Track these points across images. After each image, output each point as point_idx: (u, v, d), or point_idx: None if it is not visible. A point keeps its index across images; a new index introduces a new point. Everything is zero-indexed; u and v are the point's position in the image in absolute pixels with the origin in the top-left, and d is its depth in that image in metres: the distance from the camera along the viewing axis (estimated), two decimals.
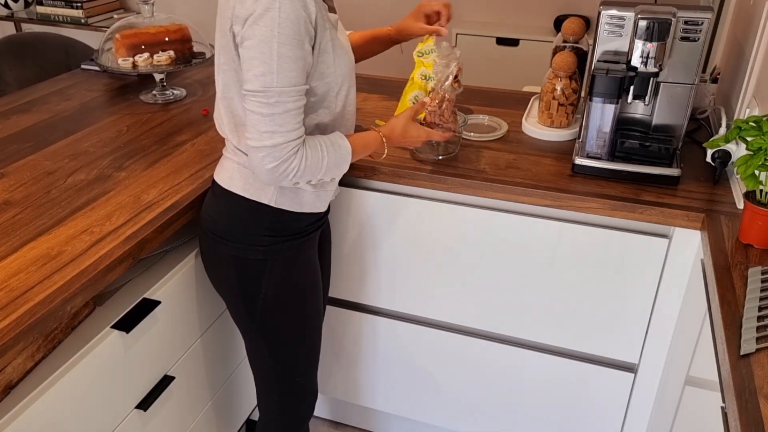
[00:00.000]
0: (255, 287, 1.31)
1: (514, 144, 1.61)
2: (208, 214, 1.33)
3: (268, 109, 1.12)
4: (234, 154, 1.28)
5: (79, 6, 3.53)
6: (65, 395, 1.13)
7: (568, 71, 1.57)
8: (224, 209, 1.29)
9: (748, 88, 1.45)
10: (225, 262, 1.31)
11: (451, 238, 1.53)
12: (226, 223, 1.29)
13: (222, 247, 1.30)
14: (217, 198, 1.31)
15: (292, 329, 1.38)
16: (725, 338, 0.96)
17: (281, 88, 1.11)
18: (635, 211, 1.35)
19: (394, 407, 1.83)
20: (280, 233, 1.29)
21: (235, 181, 1.27)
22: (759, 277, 1.09)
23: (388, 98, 1.89)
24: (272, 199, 1.26)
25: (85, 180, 1.45)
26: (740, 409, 0.83)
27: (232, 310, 1.39)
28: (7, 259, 1.16)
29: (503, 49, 3.20)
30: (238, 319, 1.39)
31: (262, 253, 1.28)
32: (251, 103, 1.13)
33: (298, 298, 1.35)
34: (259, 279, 1.30)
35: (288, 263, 1.32)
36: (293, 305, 1.35)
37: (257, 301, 1.32)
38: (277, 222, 1.28)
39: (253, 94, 1.12)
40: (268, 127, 1.13)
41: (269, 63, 1.10)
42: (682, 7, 1.35)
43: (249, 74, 1.12)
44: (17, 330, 1.00)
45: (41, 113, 1.81)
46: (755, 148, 1.15)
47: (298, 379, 1.44)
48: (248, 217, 1.28)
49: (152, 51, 1.85)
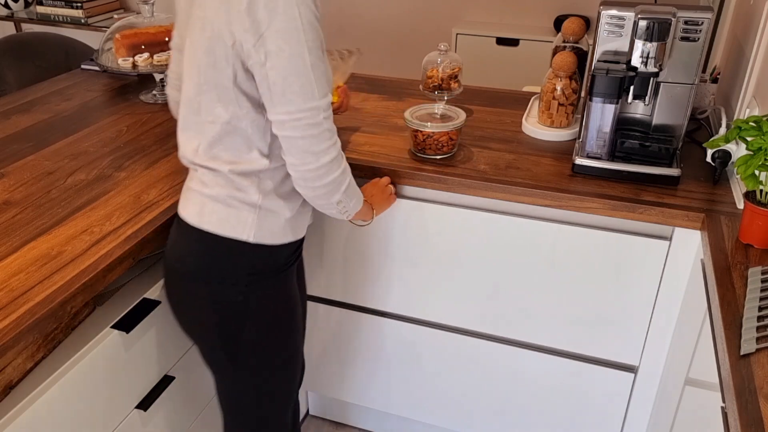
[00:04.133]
0: (236, 329, 1.21)
1: (514, 144, 1.61)
2: (175, 254, 1.20)
3: (317, 129, 1.05)
4: (205, 186, 1.15)
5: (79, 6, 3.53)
6: (65, 395, 1.13)
7: (568, 71, 1.57)
8: (195, 248, 1.17)
9: (748, 88, 1.45)
10: (199, 305, 1.20)
11: (450, 240, 1.53)
12: (199, 263, 1.17)
13: (195, 288, 1.18)
14: (185, 236, 1.18)
15: (276, 363, 1.30)
16: (725, 338, 0.96)
17: (321, 100, 1.04)
18: (635, 211, 1.35)
19: (394, 407, 1.83)
20: (260, 271, 1.19)
21: (206, 217, 1.15)
22: (759, 277, 1.09)
23: (388, 98, 1.89)
24: (251, 234, 1.15)
25: (85, 180, 1.45)
26: (740, 409, 0.83)
27: (206, 351, 1.28)
28: (7, 259, 1.16)
29: (503, 49, 3.20)
30: (212, 359, 1.29)
31: (243, 294, 1.18)
32: (294, 129, 1.05)
33: (281, 333, 1.27)
34: (240, 320, 1.20)
35: (270, 300, 1.22)
36: (277, 341, 1.27)
37: (238, 342, 1.22)
38: (257, 259, 1.18)
39: (296, 117, 1.04)
40: (323, 145, 1.07)
41: (306, 77, 1.02)
42: (682, 7, 1.35)
43: (282, 95, 1.03)
44: (17, 330, 1.00)
45: (41, 113, 1.81)
46: (755, 148, 1.15)
47: (279, 408, 1.37)
48: (225, 256, 1.16)
49: (152, 51, 1.85)
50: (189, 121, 1.16)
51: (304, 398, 2.01)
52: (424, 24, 3.49)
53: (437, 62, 1.72)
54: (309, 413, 2.04)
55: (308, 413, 2.04)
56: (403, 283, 1.63)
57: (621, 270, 1.43)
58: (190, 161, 1.18)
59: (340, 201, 1.18)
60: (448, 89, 1.73)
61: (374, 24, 3.57)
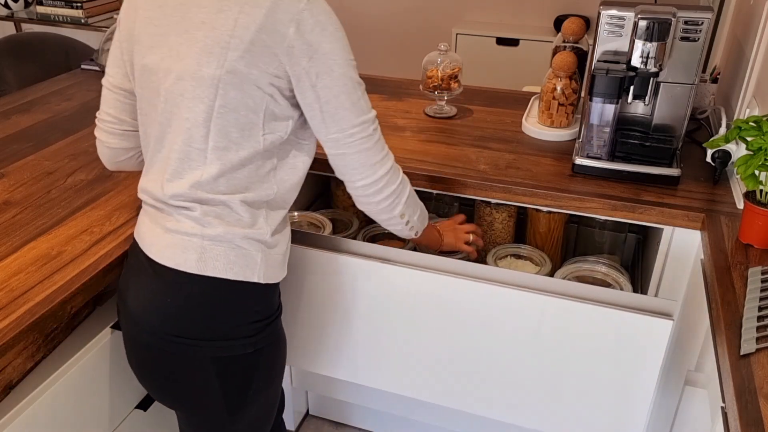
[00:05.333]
0: (244, 385, 1.11)
1: (514, 144, 1.61)
2: (165, 314, 1.05)
3: (370, 142, 1.07)
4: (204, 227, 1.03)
5: (79, 6, 3.53)
6: (65, 395, 1.13)
7: (568, 71, 1.57)
8: (196, 302, 1.04)
9: (748, 88, 1.45)
10: (201, 368, 1.07)
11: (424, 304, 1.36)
12: (202, 318, 1.04)
13: (195, 351, 1.05)
14: (179, 291, 1.04)
15: (273, 407, 1.25)
16: (725, 338, 0.96)
17: (370, 113, 1.07)
18: (635, 211, 1.35)
19: (394, 407, 1.83)
20: (265, 315, 1.11)
21: (210, 263, 1.03)
22: (759, 277, 1.09)
23: (387, 98, 1.89)
24: (261, 274, 1.06)
25: (85, 180, 1.45)
26: (740, 409, 0.83)
27: (200, 415, 1.15)
28: (7, 259, 1.16)
29: (503, 49, 3.20)
30: (205, 418, 1.15)
31: (252, 345, 1.08)
32: (349, 146, 1.06)
33: (280, 376, 1.21)
34: (249, 375, 1.11)
35: (275, 346, 1.15)
36: (276, 385, 1.21)
37: (244, 398, 1.12)
38: (263, 301, 1.10)
39: (351, 133, 1.05)
40: (377, 157, 1.08)
41: (355, 93, 1.04)
42: (682, 7, 1.35)
43: (339, 114, 1.03)
44: (17, 330, 1.00)
45: (41, 113, 1.81)
46: (755, 148, 1.15)
47: None
48: (233, 304, 1.06)
49: None
50: (188, 152, 1.04)
51: (304, 398, 2.00)
52: (424, 24, 3.49)
53: (437, 62, 1.72)
54: (309, 413, 2.04)
55: (308, 413, 2.04)
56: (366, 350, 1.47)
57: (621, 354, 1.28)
58: (184, 198, 1.04)
59: (403, 213, 1.18)
60: (448, 89, 1.73)
61: (374, 24, 3.57)
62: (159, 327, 1.06)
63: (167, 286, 1.05)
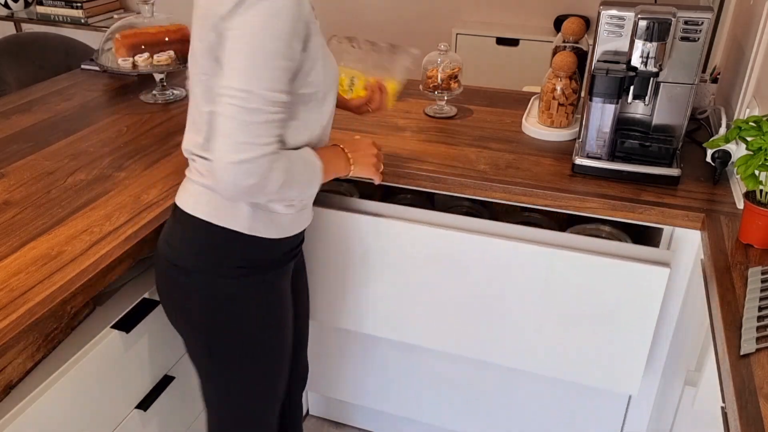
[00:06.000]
0: (222, 325, 1.18)
1: (514, 144, 1.61)
2: (167, 243, 1.18)
3: (248, 116, 0.98)
4: (202, 176, 1.14)
5: (79, 6, 3.53)
6: (65, 395, 1.13)
7: (568, 71, 1.57)
8: (188, 236, 1.15)
9: (748, 88, 1.45)
10: (187, 297, 1.17)
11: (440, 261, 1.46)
12: (190, 252, 1.15)
13: (184, 280, 1.16)
14: (179, 224, 1.17)
15: (256, 361, 1.25)
16: (725, 338, 0.96)
17: (265, 92, 0.99)
18: (635, 211, 1.35)
19: (395, 407, 1.83)
20: (254, 265, 1.17)
21: (201, 206, 1.14)
22: (759, 277, 1.09)
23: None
24: (245, 225, 1.13)
25: (85, 180, 1.45)
26: (740, 409, 0.83)
27: (190, 347, 1.26)
28: (7, 259, 1.16)
29: (503, 49, 3.20)
30: (194, 356, 1.26)
31: (234, 287, 1.16)
32: (227, 107, 0.98)
33: (268, 330, 1.23)
34: (227, 316, 1.18)
35: (261, 299, 1.20)
36: (262, 338, 1.23)
37: (223, 340, 1.20)
38: (251, 252, 1.16)
39: (231, 94, 0.98)
40: (246, 138, 0.99)
41: (254, 58, 0.97)
42: (682, 7, 1.35)
43: (228, 68, 0.98)
44: (17, 330, 1.00)
45: (41, 113, 1.81)
46: (755, 148, 1.15)
47: (259, 409, 1.32)
48: (217, 245, 1.14)
49: (152, 51, 1.85)
50: (192, 114, 1.15)
51: (304, 398, 2.01)
52: (424, 24, 3.49)
53: (437, 62, 1.72)
54: (309, 413, 2.04)
55: (308, 413, 2.04)
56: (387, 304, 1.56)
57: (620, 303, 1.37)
58: (189, 152, 1.17)
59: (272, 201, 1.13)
60: (448, 89, 1.73)
61: (374, 24, 3.57)
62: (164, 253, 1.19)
63: (174, 220, 1.19)
